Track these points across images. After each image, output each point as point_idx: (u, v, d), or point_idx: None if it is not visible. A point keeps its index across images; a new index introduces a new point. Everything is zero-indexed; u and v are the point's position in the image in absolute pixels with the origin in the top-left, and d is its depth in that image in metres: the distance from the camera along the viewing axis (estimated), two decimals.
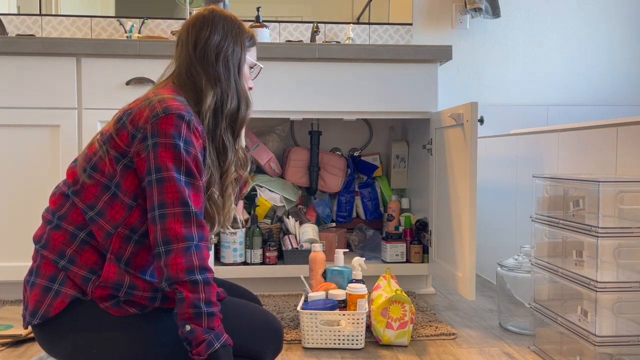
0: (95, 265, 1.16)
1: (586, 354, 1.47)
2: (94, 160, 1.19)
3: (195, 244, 1.11)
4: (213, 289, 1.11)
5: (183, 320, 1.08)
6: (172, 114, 1.13)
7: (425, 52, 2.21)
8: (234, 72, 1.29)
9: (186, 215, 1.11)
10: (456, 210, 1.97)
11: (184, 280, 1.08)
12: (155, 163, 1.12)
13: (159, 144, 1.12)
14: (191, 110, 1.19)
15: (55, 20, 2.66)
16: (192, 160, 1.14)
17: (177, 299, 1.09)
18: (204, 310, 1.08)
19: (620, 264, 1.45)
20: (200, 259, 1.10)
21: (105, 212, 1.16)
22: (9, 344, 1.73)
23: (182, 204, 1.11)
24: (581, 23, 2.98)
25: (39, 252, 1.19)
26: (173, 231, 1.09)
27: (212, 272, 1.13)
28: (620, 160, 1.68)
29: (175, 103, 1.16)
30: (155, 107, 1.15)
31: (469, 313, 2.11)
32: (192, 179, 1.14)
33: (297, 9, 2.84)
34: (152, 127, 1.13)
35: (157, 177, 1.11)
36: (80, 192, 1.18)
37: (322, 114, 2.24)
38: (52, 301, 1.14)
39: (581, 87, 2.99)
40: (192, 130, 1.15)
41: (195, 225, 1.12)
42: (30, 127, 2.09)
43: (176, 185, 1.11)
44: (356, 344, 1.73)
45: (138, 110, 1.17)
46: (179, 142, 1.12)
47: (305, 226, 2.34)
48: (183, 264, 1.08)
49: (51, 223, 1.19)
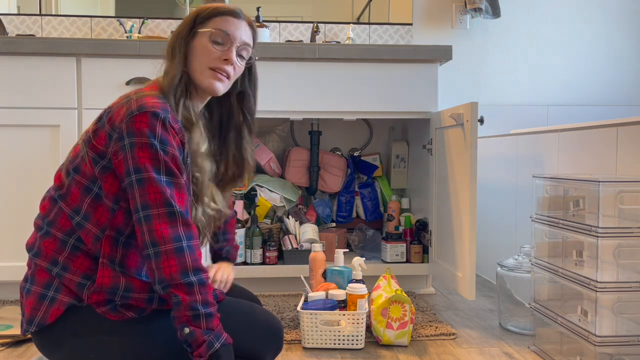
0: (88, 270, 1.15)
1: (586, 354, 1.47)
2: (77, 162, 1.18)
3: (186, 244, 1.09)
4: (209, 289, 1.10)
5: (181, 324, 1.07)
6: (146, 112, 1.11)
7: (425, 52, 2.21)
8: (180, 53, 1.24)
9: (171, 215, 1.09)
10: (456, 210, 1.97)
11: (178, 282, 1.06)
12: (134, 164, 1.10)
13: (134, 143, 1.10)
14: (168, 108, 1.16)
15: (55, 20, 2.66)
16: (170, 159, 1.12)
17: (173, 302, 1.07)
18: (202, 312, 1.07)
19: (620, 264, 1.45)
20: (193, 260, 1.09)
21: (91, 215, 1.14)
22: (9, 344, 1.73)
23: (166, 204, 1.09)
24: (581, 23, 2.98)
25: (32, 260, 1.19)
26: (159, 232, 1.08)
27: (206, 271, 1.12)
28: (620, 160, 1.68)
29: (152, 100, 1.14)
30: (131, 105, 1.13)
31: (469, 313, 2.11)
32: (173, 178, 1.12)
33: (297, 9, 2.84)
34: (126, 126, 1.11)
35: (137, 177, 1.10)
36: (65, 196, 1.17)
37: (322, 114, 2.24)
38: (48, 308, 1.14)
39: (581, 87, 2.99)
40: (167, 128, 1.12)
41: (181, 225, 1.10)
42: (30, 127, 2.09)
43: (157, 185, 1.09)
44: (356, 344, 1.72)
45: (117, 108, 1.16)
46: (154, 142, 1.10)
47: (305, 226, 2.34)
48: (176, 266, 1.06)
49: (41, 230, 1.19)
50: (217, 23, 1.25)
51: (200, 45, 1.24)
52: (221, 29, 1.25)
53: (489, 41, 2.93)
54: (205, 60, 1.24)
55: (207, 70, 1.24)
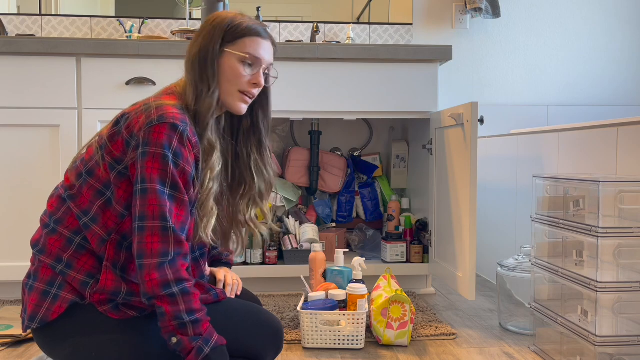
0: (92, 269, 1.15)
1: (586, 354, 1.47)
2: (90, 165, 1.17)
3: (169, 259, 1.09)
4: (193, 296, 1.10)
5: (168, 333, 1.08)
6: (166, 123, 1.11)
7: (425, 52, 2.21)
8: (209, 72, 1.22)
9: (163, 230, 1.09)
10: (456, 210, 1.97)
11: (160, 294, 1.07)
12: (142, 173, 1.10)
13: (147, 152, 1.10)
14: (188, 120, 1.16)
15: (55, 20, 2.66)
16: (179, 173, 1.12)
17: (158, 313, 1.08)
18: (187, 320, 1.07)
19: (621, 264, 1.45)
20: (175, 272, 1.09)
21: (99, 218, 1.15)
22: (9, 344, 1.73)
23: (161, 218, 1.09)
24: (581, 23, 2.98)
25: (36, 257, 1.19)
26: (149, 245, 1.08)
27: (190, 280, 1.11)
28: (620, 160, 1.68)
29: (172, 111, 1.13)
30: (151, 114, 1.12)
31: (469, 313, 2.11)
32: (177, 192, 1.12)
33: (297, 9, 2.84)
34: (144, 134, 1.10)
35: (141, 187, 1.10)
36: (76, 197, 1.17)
37: (322, 114, 2.23)
38: (50, 305, 1.14)
39: (581, 87, 2.99)
40: (184, 142, 1.12)
41: (172, 241, 1.10)
42: (30, 127, 2.09)
43: (158, 198, 1.09)
44: (356, 344, 1.72)
45: (135, 116, 1.15)
46: (167, 153, 1.10)
47: (305, 226, 2.34)
48: (157, 279, 1.07)
49: (48, 227, 1.19)
50: (247, 45, 1.24)
51: (230, 66, 1.23)
52: (253, 55, 1.24)
53: (489, 41, 2.93)
54: (235, 84, 1.24)
55: (237, 93, 1.25)
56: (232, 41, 1.23)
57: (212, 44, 1.22)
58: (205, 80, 1.21)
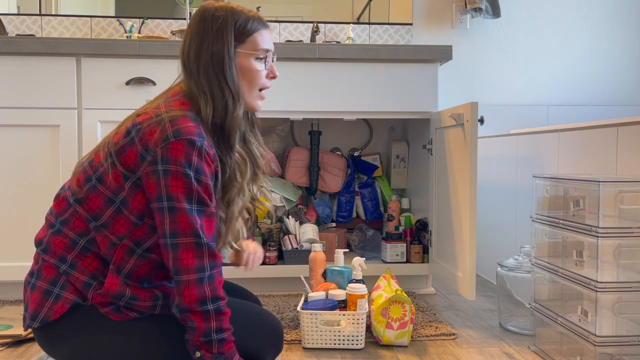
0: (96, 271, 1.15)
1: (586, 354, 1.47)
2: (100, 171, 1.15)
3: (207, 274, 1.10)
4: (225, 315, 1.12)
5: (194, 347, 1.10)
6: (183, 140, 1.08)
7: (425, 52, 2.21)
8: (230, 80, 1.18)
9: (198, 245, 1.10)
10: (456, 210, 1.97)
11: (196, 310, 1.09)
12: (167, 192, 1.09)
13: (169, 171, 1.08)
14: (203, 132, 1.13)
15: (55, 20, 2.66)
16: (203, 189, 1.11)
17: (189, 327, 1.10)
18: (214, 338, 1.09)
19: (621, 264, 1.45)
20: (213, 289, 1.11)
21: (110, 225, 1.14)
22: (9, 344, 1.73)
23: (194, 234, 1.09)
24: (581, 23, 2.98)
25: (40, 255, 1.19)
26: (185, 262, 1.09)
27: (225, 298, 1.13)
28: (620, 160, 1.68)
29: (187, 125, 1.10)
30: (166, 128, 1.09)
31: (469, 313, 2.11)
32: (204, 207, 1.12)
33: (297, 8, 2.84)
34: (162, 151, 1.08)
35: (168, 205, 1.09)
36: (83, 201, 1.16)
37: (322, 114, 2.24)
38: (52, 305, 1.14)
39: (581, 87, 2.99)
40: (203, 157, 1.10)
41: (207, 256, 1.11)
42: (30, 127, 2.09)
43: (188, 216, 1.09)
44: (356, 344, 1.72)
45: (148, 128, 1.11)
46: (189, 172, 1.09)
47: (305, 226, 2.34)
48: (195, 296, 1.09)
49: (53, 227, 1.18)
50: (258, 41, 1.22)
51: (247, 68, 1.21)
52: (266, 49, 1.23)
53: (489, 41, 2.93)
54: (255, 83, 1.23)
55: (257, 92, 1.25)
56: (243, 41, 1.21)
57: (226, 48, 1.18)
58: (227, 91, 1.18)
